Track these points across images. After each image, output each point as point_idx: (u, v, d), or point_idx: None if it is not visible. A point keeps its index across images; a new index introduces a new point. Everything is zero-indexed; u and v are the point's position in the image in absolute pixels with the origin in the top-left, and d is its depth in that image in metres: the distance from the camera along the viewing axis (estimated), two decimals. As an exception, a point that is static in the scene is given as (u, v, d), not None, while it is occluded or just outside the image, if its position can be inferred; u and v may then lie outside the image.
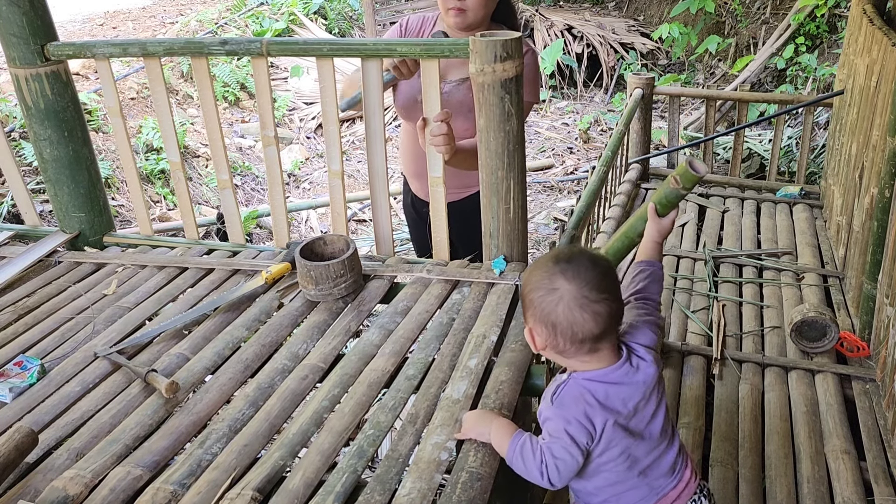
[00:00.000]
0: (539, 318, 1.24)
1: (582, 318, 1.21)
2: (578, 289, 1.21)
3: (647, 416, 1.30)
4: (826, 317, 2.52)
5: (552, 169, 5.79)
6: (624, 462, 1.30)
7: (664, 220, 1.47)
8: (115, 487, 1.16)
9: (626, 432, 1.28)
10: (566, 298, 1.21)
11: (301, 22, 7.66)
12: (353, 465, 1.18)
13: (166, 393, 1.37)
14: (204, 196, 4.87)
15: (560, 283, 1.22)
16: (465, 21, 1.95)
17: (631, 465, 1.31)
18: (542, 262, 1.28)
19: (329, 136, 1.90)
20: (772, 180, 4.14)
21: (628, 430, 1.28)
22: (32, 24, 1.93)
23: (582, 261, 1.25)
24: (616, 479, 1.31)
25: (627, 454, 1.29)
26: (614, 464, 1.29)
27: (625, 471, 1.30)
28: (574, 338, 1.22)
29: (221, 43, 1.87)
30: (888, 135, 2.38)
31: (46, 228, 2.24)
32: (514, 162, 1.64)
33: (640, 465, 1.32)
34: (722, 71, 7.10)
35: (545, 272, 1.24)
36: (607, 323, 1.23)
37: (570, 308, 1.21)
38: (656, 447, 1.33)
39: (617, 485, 1.32)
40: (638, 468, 1.32)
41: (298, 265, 1.70)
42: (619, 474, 1.30)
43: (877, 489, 1.98)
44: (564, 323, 1.21)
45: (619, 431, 1.27)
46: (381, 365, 1.45)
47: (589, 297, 1.21)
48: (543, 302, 1.23)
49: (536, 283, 1.25)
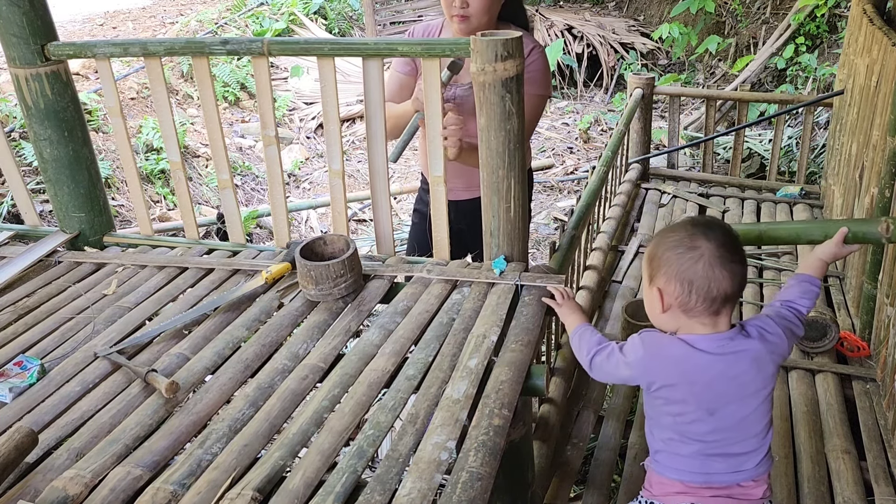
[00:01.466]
0: (675, 275, 1.29)
1: (721, 275, 1.27)
2: (718, 248, 1.28)
3: (727, 396, 1.31)
4: (826, 317, 2.52)
5: (552, 169, 5.79)
6: (684, 425, 1.34)
7: (845, 248, 1.50)
8: (115, 487, 1.16)
9: (690, 399, 1.31)
10: (707, 256, 1.27)
11: (301, 22, 7.66)
12: (353, 465, 1.17)
13: (166, 393, 1.37)
14: (204, 196, 4.87)
15: (701, 242, 1.28)
16: (469, 27, 1.96)
17: (687, 434, 1.34)
18: (678, 226, 1.35)
19: (330, 136, 1.90)
20: (772, 180, 4.14)
21: (695, 399, 1.31)
22: (32, 24, 1.92)
23: (717, 225, 1.33)
24: (673, 437, 1.36)
25: (686, 421, 1.33)
26: (672, 420, 1.35)
27: (682, 436, 1.34)
28: (709, 294, 1.27)
29: (222, 42, 1.87)
30: (888, 135, 2.38)
31: (46, 228, 2.24)
32: (515, 161, 1.64)
33: (701, 441, 1.33)
34: (722, 71, 7.09)
35: (685, 233, 1.31)
36: (739, 283, 1.30)
37: (711, 265, 1.27)
38: (726, 434, 1.33)
39: (673, 443, 1.36)
40: (699, 442, 1.33)
41: (298, 265, 1.70)
42: (677, 435, 1.35)
43: (877, 489, 1.98)
44: (702, 279, 1.27)
45: (679, 393, 1.32)
46: (381, 365, 1.45)
47: (727, 257, 1.28)
48: (682, 259, 1.29)
49: (674, 243, 1.31)
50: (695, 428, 1.33)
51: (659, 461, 1.40)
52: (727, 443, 1.33)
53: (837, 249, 1.51)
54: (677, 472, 1.37)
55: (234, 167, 5.22)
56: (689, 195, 3.95)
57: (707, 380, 1.31)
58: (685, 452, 1.35)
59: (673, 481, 1.37)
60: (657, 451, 1.40)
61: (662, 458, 1.39)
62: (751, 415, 1.33)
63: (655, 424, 1.40)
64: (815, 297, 1.48)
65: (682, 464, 1.36)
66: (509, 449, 1.57)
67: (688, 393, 1.31)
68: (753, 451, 1.35)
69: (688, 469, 1.36)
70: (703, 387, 1.31)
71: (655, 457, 1.41)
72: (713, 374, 1.30)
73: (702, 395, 1.31)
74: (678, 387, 1.32)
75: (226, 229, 2.16)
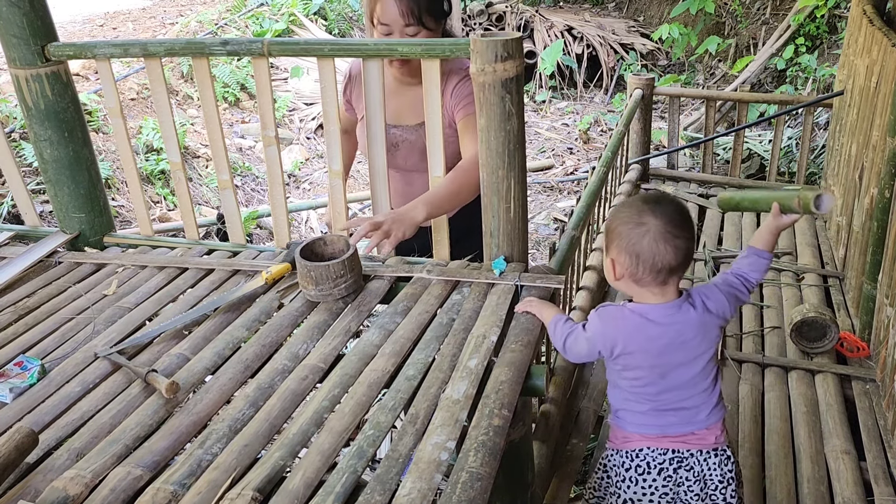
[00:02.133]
0: (625, 248, 1.41)
1: (665, 250, 1.38)
2: (664, 224, 1.38)
3: (675, 361, 1.46)
4: (826, 317, 2.52)
5: (552, 169, 5.79)
6: (637, 388, 1.49)
7: (784, 219, 1.59)
8: (115, 487, 1.16)
9: (645, 365, 1.46)
10: (652, 231, 1.38)
11: (301, 23, 7.66)
12: (353, 466, 1.18)
13: (166, 393, 1.37)
14: (204, 196, 4.88)
15: (648, 219, 1.39)
16: (410, 71, 1.98)
17: (642, 395, 1.49)
18: (630, 202, 1.46)
19: (329, 136, 1.91)
20: (772, 181, 4.14)
21: (649, 364, 1.46)
22: (33, 24, 1.93)
23: (667, 202, 1.43)
24: (629, 398, 1.52)
25: (642, 383, 1.48)
26: (628, 384, 1.50)
27: (636, 396, 1.50)
28: (654, 267, 1.39)
29: (223, 43, 1.87)
30: (888, 135, 2.38)
31: (46, 229, 2.24)
32: (515, 161, 1.64)
33: (654, 399, 1.49)
34: (722, 71, 7.10)
35: (635, 209, 1.42)
36: (683, 257, 1.41)
37: (656, 240, 1.38)
38: (678, 391, 1.48)
39: (629, 402, 1.52)
40: (651, 401, 1.49)
41: (298, 266, 1.70)
42: (632, 396, 1.51)
43: (877, 489, 1.98)
44: (648, 253, 1.39)
45: (635, 360, 1.46)
46: (381, 365, 1.45)
47: (672, 233, 1.39)
48: (632, 234, 1.40)
49: (626, 218, 1.42)
50: (648, 390, 1.48)
51: (620, 417, 1.56)
52: (678, 399, 1.49)
53: (777, 221, 1.59)
54: (635, 427, 1.53)
55: (234, 168, 5.22)
56: (688, 196, 3.96)
57: (659, 347, 1.44)
58: (641, 410, 1.51)
59: (632, 434, 1.53)
60: (617, 409, 1.56)
61: (623, 414, 1.55)
62: (698, 374, 1.48)
63: (614, 386, 1.56)
64: (764, 268, 1.57)
65: (639, 419, 1.52)
66: (509, 449, 1.57)
67: (642, 360, 1.46)
68: (702, 404, 1.50)
69: (644, 423, 1.52)
70: (656, 354, 1.45)
71: (617, 414, 1.57)
72: (664, 343, 1.44)
73: (654, 361, 1.45)
74: (634, 354, 1.46)
75: (226, 230, 2.16)
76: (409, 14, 1.87)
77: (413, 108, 2.03)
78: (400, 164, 2.09)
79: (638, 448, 1.52)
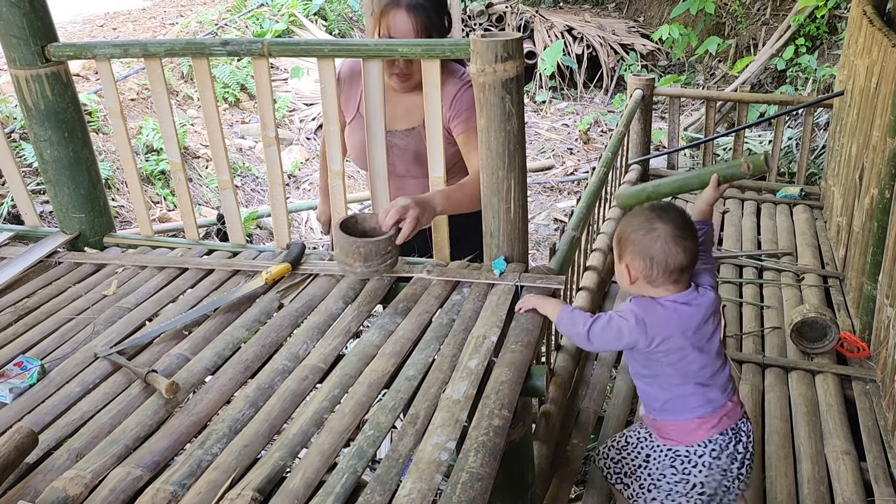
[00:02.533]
0: (639, 253, 1.55)
1: (676, 251, 1.52)
2: (673, 228, 1.53)
3: (707, 334, 1.59)
4: (826, 317, 2.52)
5: (552, 170, 5.79)
6: (683, 367, 1.58)
7: (720, 189, 1.77)
8: (115, 488, 1.16)
9: (686, 344, 1.56)
10: (663, 236, 1.53)
11: (301, 23, 7.66)
12: (353, 466, 1.17)
13: (166, 393, 1.37)
14: (204, 197, 4.88)
15: (658, 225, 1.53)
16: (410, 84, 1.98)
17: (688, 374, 1.58)
18: (639, 211, 1.62)
19: (330, 137, 1.91)
20: (772, 181, 4.14)
21: (689, 343, 1.56)
22: (33, 25, 1.93)
23: (672, 209, 1.58)
24: (676, 382, 1.60)
25: (686, 363, 1.57)
26: (673, 369, 1.58)
27: (683, 378, 1.59)
28: (667, 268, 1.53)
29: (223, 44, 1.87)
30: (888, 136, 2.39)
31: (46, 229, 2.24)
32: (515, 162, 1.64)
33: (697, 376, 1.59)
34: (722, 72, 7.10)
35: (644, 217, 1.57)
36: (692, 256, 1.56)
37: (667, 243, 1.52)
38: (712, 363, 1.60)
39: (676, 388, 1.60)
40: (695, 379, 1.59)
41: (344, 242, 1.67)
42: (679, 379, 1.59)
43: (877, 490, 1.98)
44: (661, 255, 1.52)
45: (677, 343, 1.56)
46: (381, 365, 1.45)
47: (681, 235, 1.53)
48: (644, 240, 1.54)
49: (637, 226, 1.57)
50: (693, 367, 1.58)
51: (669, 409, 1.63)
52: (713, 372, 1.61)
53: (714, 192, 1.76)
54: (689, 411, 1.60)
55: (234, 168, 5.22)
56: (688, 196, 3.96)
57: (694, 325, 1.57)
58: (690, 391, 1.60)
59: (689, 420, 1.61)
60: (665, 401, 1.63)
61: (671, 405, 1.62)
62: (718, 345, 1.63)
63: (658, 379, 1.62)
64: (712, 236, 1.78)
65: (691, 402, 1.60)
66: (509, 449, 1.57)
67: (682, 341, 1.56)
68: (727, 374, 1.64)
69: (697, 405, 1.60)
70: (693, 331, 1.57)
71: (665, 407, 1.63)
72: (697, 320, 1.57)
73: (693, 338, 1.57)
74: (674, 338, 1.56)
75: (226, 230, 2.16)
76: (421, 31, 1.89)
77: (405, 113, 2.04)
78: (390, 169, 2.09)
79: (707, 438, 1.60)
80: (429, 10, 1.90)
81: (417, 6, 1.88)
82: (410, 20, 1.88)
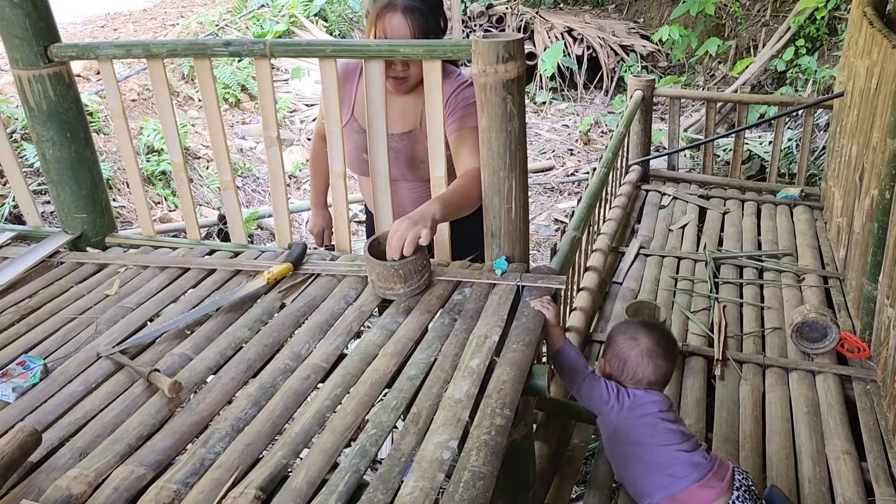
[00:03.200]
0: (616, 354, 1.73)
1: (646, 365, 1.69)
2: (653, 344, 1.70)
3: (672, 416, 1.71)
4: (827, 318, 2.53)
5: (553, 171, 5.80)
6: (660, 438, 1.66)
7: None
8: (118, 486, 1.16)
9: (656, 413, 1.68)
10: (641, 347, 1.70)
11: (302, 24, 7.67)
12: (356, 465, 1.18)
13: (169, 393, 1.38)
14: (205, 197, 4.88)
15: (641, 337, 1.71)
16: (406, 87, 1.97)
17: (667, 441, 1.66)
18: (633, 322, 1.82)
19: (331, 137, 1.91)
20: (772, 182, 4.15)
21: (659, 418, 1.67)
22: (35, 25, 1.93)
23: (660, 329, 1.76)
24: (659, 453, 1.66)
25: (661, 431, 1.66)
26: (651, 435, 1.66)
27: (661, 447, 1.66)
28: (634, 377, 1.70)
29: (225, 44, 1.88)
30: (888, 136, 2.39)
31: (48, 229, 2.25)
32: (516, 162, 1.64)
33: (676, 444, 1.66)
34: (722, 73, 7.11)
35: (633, 328, 1.75)
36: (661, 376, 1.71)
37: (642, 355, 1.70)
38: (686, 436, 1.69)
39: (661, 458, 1.66)
40: (675, 446, 1.65)
41: (380, 268, 1.64)
42: (659, 450, 1.66)
43: (878, 490, 1.98)
44: (633, 363, 1.69)
45: (648, 408, 1.67)
46: (383, 365, 1.45)
47: (657, 352, 1.69)
48: (624, 345, 1.72)
49: (623, 331, 1.76)
50: (670, 434, 1.66)
51: (665, 485, 1.64)
52: (690, 443, 1.68)
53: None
54: (683, 480, 1.62)
55: (235, 169, 5.22)
56: (689, 197, 3.96)
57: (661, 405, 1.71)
58: (673, 458, 1.65)
59: (687, 490, 1.62)
60: (657, 480, 1.66)
61: (664, 477, 1.64)
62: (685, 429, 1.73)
63: (642, 455, 1.68)
64: None
65: (679, 471, 1.64)
66: (511, 449, 1.57)
67: (653, 407, 1.69)
68: (701, 447, 1.72)
69: (687, 472, 1.63)
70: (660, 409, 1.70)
71: (658, 485, 1.65)
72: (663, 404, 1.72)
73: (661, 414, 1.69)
74: (645, 405, 1.68)
75: (227, 230, 2.16)
76: (418, 33, 1.87)
77: (401, 117, 2.03)
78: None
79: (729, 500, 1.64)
80: (425, 12, 1.88)
81: (413, 8, 1.86)
82: (407, 22, 1.86)
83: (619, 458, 1.75)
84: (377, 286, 1.70)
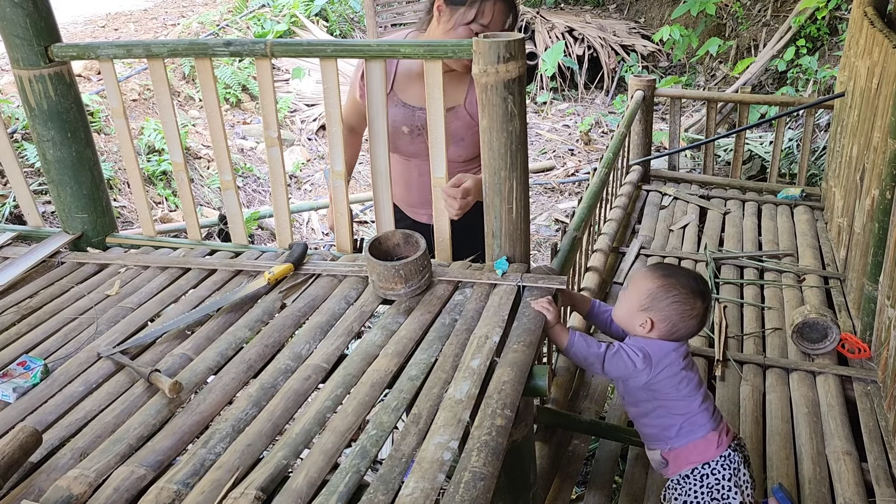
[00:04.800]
0: (669, 318, 1.69)
1: (694, 327, 1.71)
2: (704, 310, 1.71)
3: (691, 362, 1.76)
4: (827, 318, 2.52)
5: (553, 171, 5.80)
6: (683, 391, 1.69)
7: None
8: (118, 487, 1.16)
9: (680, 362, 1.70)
10: (697, 316, 1.70)
11: (302, 24, 7.68)
12: (356, 465, 1.18)
13: (170, 393, 1.38)
14: (205, 197, 4.88)
15: (698, 305, 1.70)
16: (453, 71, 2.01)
17: (689, 394, 1.69)
18: (682, 281, 1.71)
19: (332, 137, 1.91)
20: (773, 182, 4.14)
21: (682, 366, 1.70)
22: (36, 25, 1.93)
23: (708, 291, 1.74)
24: (683, 404, 1.70)
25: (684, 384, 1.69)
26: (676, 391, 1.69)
27: (686, 399, 1.70)
28: (681, 337, 1.72)
29: (226, 44, 1.87)
30: (889, 137, 2.39)
31: (49, 229, 2.25)
32: (517, 162, 1.64)
33: (696, 395, 1.70)
34: (723, 73, 7.10)
35: (689, 292, 1.70)
36: (698, 329, 1.73)
37: (694, 319, 1.70)
38: (701, 385, 1.73)
39: (685, 409, 1.70)
40: (696, 397, 1.70)
41: (381, 268, 1.65)
42: (684, 402, 1.70)
43: (878, 490, 1.98)
44: (684, 329, 1.70)
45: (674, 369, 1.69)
46: (383, 365, 1.45)
47: (704, 315, 1.71)
48: (681, 311, 1.69)
49: (678, 297, 1.69)
50: (691, 385, 1.70)
51: (687, 430, 1.70)
52: (704, 391, 1.74)
53: None
54: (703, 427, 1.69)
55: (236, 169, 5.23)
56: (689, 197, 3.96)
57: (683, 351, 1.73)
58: (696, 409, 1.70)
59: (705, 436, 1.69)
60: (680, 425, 1.70)
61: (688, 425, 1.70)
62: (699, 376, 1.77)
63: (664, 408, 1.71)
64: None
65: (700, 419, 1.70)
66: (511, 449, 1.57)
67: (678, 363, 1.70)
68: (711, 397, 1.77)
69: (706, 420, 1.70)
70: (682, 356, 1.72)
71: (682, 430, 1.70)
72: (683, 349, 1.74)
73: (683, 362, 1.71)
74: (672, 364, 1.69)
75: (228, 230, 2.16)
76: (513, 22, 1.97)
77: (446, 93, 2.03)
78: (417, 150, 2.11)
79: (726, 451, 1.70)
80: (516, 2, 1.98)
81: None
82: (502, 15, 1.94)
83: (640, 408, 1.76)
84: (378, 286, 1.70)
